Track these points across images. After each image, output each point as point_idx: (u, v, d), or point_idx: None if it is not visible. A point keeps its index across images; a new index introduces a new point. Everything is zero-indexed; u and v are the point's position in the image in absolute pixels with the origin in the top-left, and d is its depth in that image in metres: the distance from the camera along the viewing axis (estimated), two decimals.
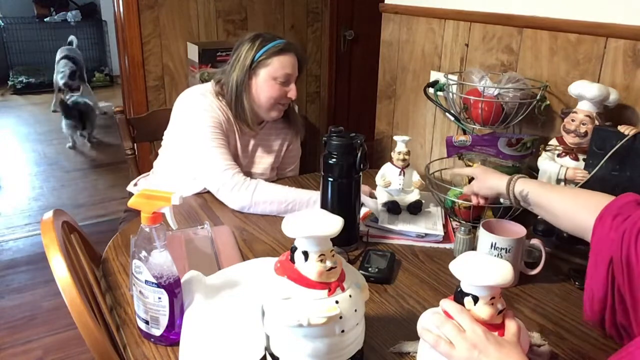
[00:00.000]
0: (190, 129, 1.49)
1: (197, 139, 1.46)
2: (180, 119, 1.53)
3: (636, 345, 0.64)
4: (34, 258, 2.73)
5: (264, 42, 1.48)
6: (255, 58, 1.48)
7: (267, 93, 1.50)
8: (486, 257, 0.73)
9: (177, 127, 1.56)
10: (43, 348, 2.09)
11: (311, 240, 0.73)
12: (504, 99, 1.41)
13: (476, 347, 0.66)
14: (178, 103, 1.56)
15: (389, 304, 1.03)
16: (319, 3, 3.12)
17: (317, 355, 0.74)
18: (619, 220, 0.81)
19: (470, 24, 1.69)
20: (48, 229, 0.93)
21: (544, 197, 1.01)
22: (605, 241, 0.82)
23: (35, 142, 4.54)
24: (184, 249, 1.19)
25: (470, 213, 1.32)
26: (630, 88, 1.29)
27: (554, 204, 0.98)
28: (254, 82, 1.50)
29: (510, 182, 1.07)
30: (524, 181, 1.06)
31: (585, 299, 0.87)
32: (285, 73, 1.49)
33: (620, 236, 0.79)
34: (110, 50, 6.45)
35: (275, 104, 1.53)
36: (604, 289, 0.82)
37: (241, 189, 1.39)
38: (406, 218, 1.36)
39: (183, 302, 0.92)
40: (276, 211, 1.39)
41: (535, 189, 1.03)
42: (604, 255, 0.82)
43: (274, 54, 1.48)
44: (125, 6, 2.59)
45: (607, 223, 0.83)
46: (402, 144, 1.39)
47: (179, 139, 1.55)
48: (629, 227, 0.79)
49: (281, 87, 1.50)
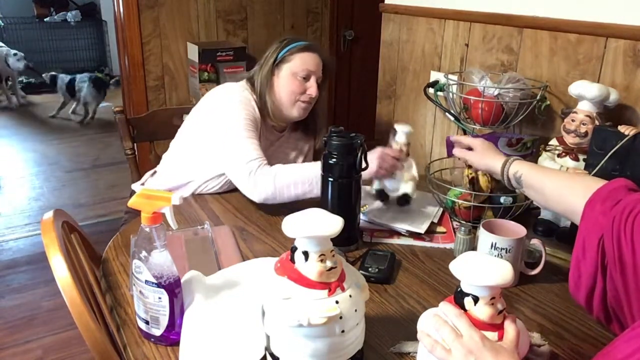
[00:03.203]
0: (225, 118, 1.47)
1: (231, 127, 1.45)
2: (214, 108, 1.52)
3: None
4: (34, 258, 2.73)
5: (290, 42, 1.54)
6: (279, 55, 1.52)
7: (287, 88, 1.52)
8: (486, 257, 0.73)
9: (207, 116, 1.53)
10: (43, 348, 2.09)
11: (311, 240, 0.73)
12: (504, 99, 1.41)
13: (472, 353, 0.66)
14: (213, 94, 1.56)
15: (389, 304, 1.03)
16: (319, 3, 3.12)
17: (317, 355, 0.74)
18: (608, 205, 0.81)
19: (470, 24, 1.69)
20: (48, 229, 0.93)
21: (536, 179, 1.01)
22: (595, 224, 0.82)
23: (35, 142, 4.54)
24: (184, 249, 1.19)
25: (470, 213, 1.32)
26: (630, 88, 1.29)
27: (546, 186, 0.99)
28: (276, 78, 1.53)
29: (506, 164, 1.09)
30: (519, 163, 1.08)
31: (570, 278, 0.86)
32: (305, 69, 1.51)
33: (611, 221, 0.78)
34: (110, 50, 6.45)
35: (296, 101, 1.53)
36: (593, 271, 0.81)
37: (264, 178, 1.37)
38: (396, 212, 1.37)
39: (183, 302, 0.91)
40: (301, 192, 1.35)
41: (529, 170, 1.04)
42: (592, 238, 0.81)
43: (297, 51, 1.52)
44: (125, 6, 2.59)
45: (597, 207, 0.83)
46: (402, 135, 1.37)
47: (205, 128, 1.53)
48: (619, 213, 0.78)
49: (301, 83, 1.52)
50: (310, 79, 1.53)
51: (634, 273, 0.74)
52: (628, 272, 0.75)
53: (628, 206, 0.78)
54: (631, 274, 0.75)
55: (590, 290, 0.83)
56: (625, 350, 0.62)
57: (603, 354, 0.66)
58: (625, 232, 0.76)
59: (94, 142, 4.54)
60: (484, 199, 1.29)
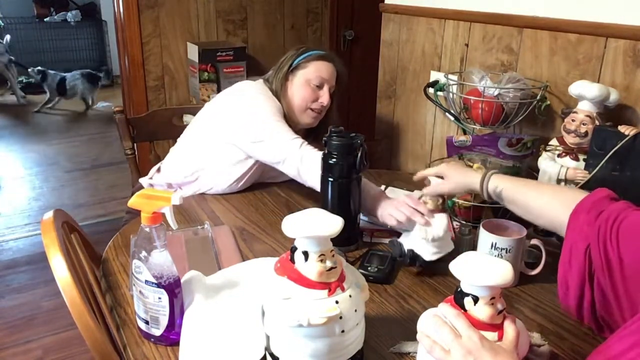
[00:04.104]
0: (254, 107, 1.47)
1: (262, 114, 1.45)
2: (238, 99, 1.52)
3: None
4: (34, 258, 2.73)
5: (307, 50, 1.57)
6: (295, 61, 1.54)
7: (300, 94, 1.53)
8: (486, 257, 0.73)
9: (228, 107, 1.53)
10: (43, 348, 2.09)
11: (311, 240, 0.73)
12: (504, 99, 1.41)
13: (471, 354, 0.66)
14: (233, 89, 1.57)
15: (389, 304, 1.03)
16: (319, 3, 3.12)
17: (317, 355, 0.74)
18: (592, 215, 0.82)
19: (470, 24, 1.69)
20: (48, 229, 0.93)
21: (519, 194, 1.01)
22: (581, 234, 0.83)
23: (35, 142, 4.54)
24: (184, 249, 1.19)
25: (470, 213, 1.32)
26: (630, 88, 1.29)
27: (529, 200, 0.98)
28: (290, 83, 1.55)
29: (484, 180, 1.06)
30: (497, 177, 1.05)
31: (559, 288, 0.87)
32: (319, 76, 1.52)
33: (596, 231, 0.80)
34: (110, 50, 6.45)
35: (307, 108, 1.54)
36: (580, 281, 0.83)
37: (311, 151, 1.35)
38: None
39: (183, 302, 0.92)
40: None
41: (509, 185, 1.03)
42: (579, 248, 0.82)
43: (313, 59, 1.54)
44: (125, 6, 2.59)
45: (581, 218, 0.84)
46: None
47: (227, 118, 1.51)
48: (604, 221, 0.80)
49: (314, 91, 1.53)
50: (323, 88, 1.54)
51: (622, 277, 0.76)
52: (616, 277, 0.77)
53: (612, 215, 0.80)
54: (619, 279, 0.76)
55: (579, 300, 0.84)
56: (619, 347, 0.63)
57: (597, 352, 0.67)
58: (611, 239, 0.78)
59: (94, 142, 4.54)
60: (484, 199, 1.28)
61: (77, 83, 5.28)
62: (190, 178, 1.54)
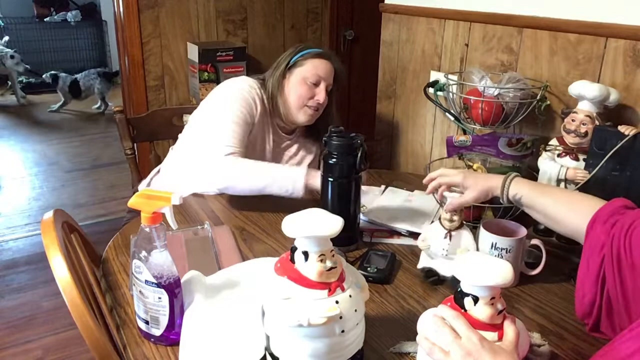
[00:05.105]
0: (218, 104, 1.52)
1: (220, 112, 1.48)
2: (215, 96, 1.56)
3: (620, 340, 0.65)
4: (34, 258, 2.73)
5: (305, 48, 1.57)
6: (293, 59, 1.55)
7: (296, 91, 1.53)
8: (486, 257, 0.73)
9: (207, 104, 1.57)
10: (43, 348, 2.09)
11: (311, 240, 0.73)
12: (504, 99, 1.41)
13: (471, 355, 0.66)
14: (218, 86, 1.60)
15: (389, 304, 1.03)
16: (319, 3, 3.12)
17: (317, 356, 0.74)
18: (608, 226, 0.84)
19: (470, 24, 1.69)
20: (48, 229, 0.93)
21: (538, 202, 1.01)
22: (597, 244, 0.85)
23: (35, 142, 4.54)
24: (184, 249, 1.19)
25: (470, 213, 1.32)
26: (630, 88, 1.29)
27: (548, 208, 0.99)
28: (287, 81, 1.55)
29: (504, 185, 1.05)
30: (517, 183, 1.04)
31: (576, 298, 0.89)
32: (316, 74, 1.52)
33: (611, 241, 0.82)
34: (110, 50, 6.45)
35: (304, 106, 1.54)
36: (594, 291, 0.85)
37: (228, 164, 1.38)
38: (396, 212, 1.37)
39: (183, 302, 0.91)
40: (262, 185, 1.35)
41: (529, 192, 1.03)
42: (595, 259, 0.84)
43: (310, 57, 1.55)
44: (125, 6, 2.59)
45: (598, 228, 0.86)
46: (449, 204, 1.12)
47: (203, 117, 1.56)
48: (618, 230, 0.82)
49: (310, 88, 1.53)
50: (320, 85, 1.54)
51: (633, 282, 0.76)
52: (627, 287, 0.78)
53: (626, 223, 0.82)
54: (630, 287, 0.78)
55: (592, 307, 0.86)
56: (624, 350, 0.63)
57: (601, 355, 0.66)
58: (624, 246, 0.79)
59: (94, 142, 4.54)
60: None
61: (93, 83, 5.26)
62: (190, 178, 1.55)
